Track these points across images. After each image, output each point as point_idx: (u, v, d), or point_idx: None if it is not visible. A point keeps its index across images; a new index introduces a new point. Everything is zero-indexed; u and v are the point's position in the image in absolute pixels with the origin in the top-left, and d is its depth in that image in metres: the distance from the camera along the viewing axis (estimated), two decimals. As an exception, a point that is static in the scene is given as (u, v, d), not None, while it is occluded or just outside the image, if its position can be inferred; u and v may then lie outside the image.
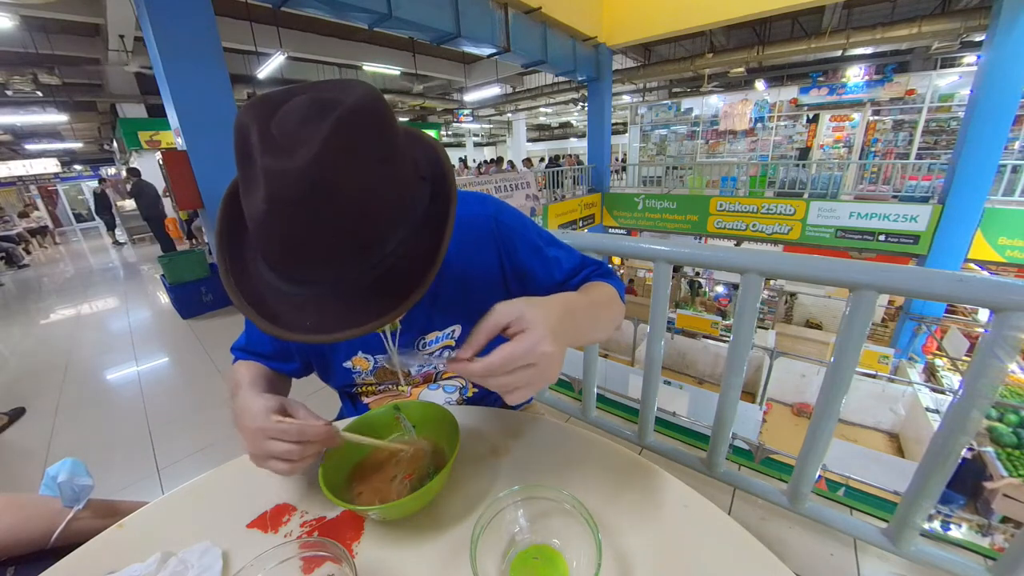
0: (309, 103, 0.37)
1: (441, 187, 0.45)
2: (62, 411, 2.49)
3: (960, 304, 3.72)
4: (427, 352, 0.72)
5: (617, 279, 0.72)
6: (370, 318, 0.40)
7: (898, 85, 8.20)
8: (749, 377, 4.51)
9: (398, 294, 0.41)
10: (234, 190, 0.45)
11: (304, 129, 0.35)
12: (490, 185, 6.50)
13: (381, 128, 0.39)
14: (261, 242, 0.40)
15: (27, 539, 0.72)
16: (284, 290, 0.42)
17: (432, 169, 0.46)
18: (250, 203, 0.38)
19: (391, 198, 0.40)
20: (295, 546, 0.46)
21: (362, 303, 0.41)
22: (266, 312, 0.42)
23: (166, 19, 2.96)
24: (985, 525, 1.94)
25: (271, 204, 0.36)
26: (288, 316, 0.41)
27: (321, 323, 0.40)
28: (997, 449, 3.14)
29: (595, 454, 0.63)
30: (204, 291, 3.97)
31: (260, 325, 0.41)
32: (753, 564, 0.47)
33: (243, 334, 0.76)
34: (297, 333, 0.40)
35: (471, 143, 22.34)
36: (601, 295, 0.64)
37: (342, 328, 0.40)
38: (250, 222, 0.39)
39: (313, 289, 0.41)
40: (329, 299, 0.41)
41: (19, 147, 12.92)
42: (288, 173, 0.34)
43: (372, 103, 0.38)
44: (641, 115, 11.97)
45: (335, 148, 0.35)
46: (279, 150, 0.35)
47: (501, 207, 0.68)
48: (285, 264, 0.41)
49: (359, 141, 0.36)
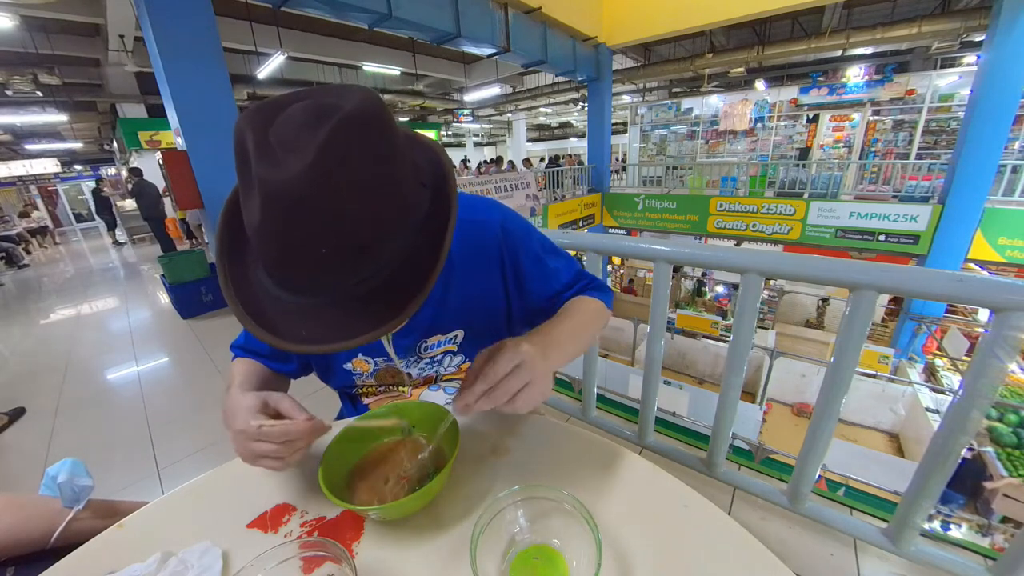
0: (307, 110, 0.36)
1: (442, 194, 0.45)
2: (62, 411, 2.49)
3: (960, 304, 3.72)
4: (429, 356, 0.71)
5: (607, 292, 0.74)
6: (366, 329, 0.39)
7: (898, 85, 8.20)
8: (749, 377, 4.51)
9: (395, 304, 0.40)
10: (235, 196, 0.45)
11: (300, 137, 0.35)
12: (490, 185, 6.49)
13: (379, 135, 0.38)
14: (258, 249, 0.40)
15: (27, 539, 0.72)
16: (282, 298, 0.42)
17: (433, 176, 0.46)
18: (248, 210, 0.38)
19: (387, 207, 0.39)
20: (295, 546, 0.46)
21: (359, 313, 0.40)
22: (263, 320, 0.42)
23: (166, 19, 2.96)
24: (985, 525, 1.94)
25: (265, 212, 0.36)
26: (284, 325, 0.41)
27: (317, 333, 0.40)
28: (997, 449, 3.14)
29: (595, 454, 0.63)
30: (204, 291, 3.97)
31: (256, 333, 0.41)
32: (753, 564, 0.47)
33: (243, 332, 0.75)
34: (292, 343, 0.40)
35: (471, 143, 22.34)
36: (586, 314, 0.67)
37: (337, 339, 0.39)
38: (248, 229, 0.39)
39: (310, 298, 0.41)
40: (326, 308, 0.40)
41: (19, 147, 12.91)
42: (282, 183, 0.34)
43: (371, 109, 0.37)
44: (641, 115, 11.97)
45: (330, 157, 0.34)
46: (274, 159, 0.35)
47: (507, 214, 0.68)
48: (281, 272, 0.41)
49: (355, 149, 0.36)
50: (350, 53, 8.40)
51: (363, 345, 0.66)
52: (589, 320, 0.67)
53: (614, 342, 6.25)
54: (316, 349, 0.39)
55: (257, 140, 0.35)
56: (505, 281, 0.68)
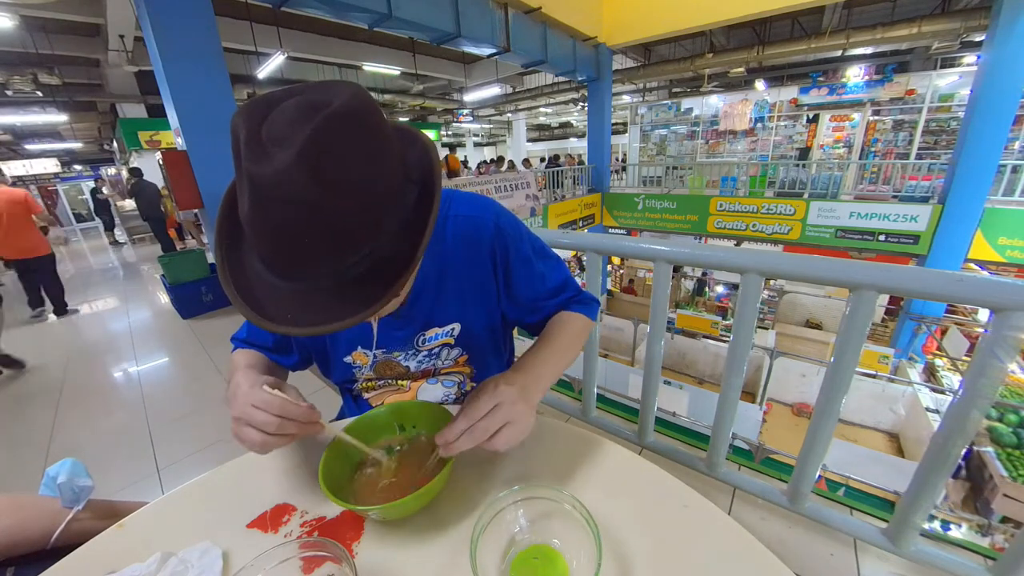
0: (297, 106, 0.38)
1: (428, 190, 0.46)
2: (62, 411, 2.49)
3: (960, 304, 3.72)
4: (427, 348, 0.73)
5: (591, 305, 0.78)
6: (350, 313, 0.41)
7: (898, 85, 8.20)
8: (749, 377, 4.51)
9: (378, 291, 0.42)
10: (234, 186, 0.47)
11: (288, 132, 0.37)
12: (490, 185, 6.49)
13: (366, 130, 0.40)
14: (250, 238, 0.43)
15: (27, 540, 0.72)
16: (273, 284, 0.44)
17: (421, 172, 0.47)
18: (240, 202, 0.40)
19: (372, 200, 0.41)
20: (295, 546, 0.46)
21: (345, 298, 0.42)
22: (254, 303, 0.44)
23: (166, 19, 2.95)
24: (985, 525, 1.94)
25: (253, 205, 0.38)
26: (274, 308, 0.43)
27: (303, 316, 0.42)
28: (997, 449, 3.14)
29: (595, 454, 0.63)
30: (204, 291, 3.97)
31: (246, 315, 0.43)
32: (753, 564, 0.47)
33: (244, 325, 0.77)
34: (281, 325, 0.42)
35: (471, 143, 22.32)
36: (569, 335, 0.72)
37: (323, 322, 0.41)
38: (241, 218, 0.41)
39: (299, 284, 0.43)
40: (315, 294, 0.42)
41: (19, 147, 12.92)
42: (267, 177, 0.36)
43: (358, 105, 0.39)
44: (641, 115, 11.97)
45: (314, 151, 0.36)
46: (262, 153, 0.37)
47: (501, 212, 0.69)
48: (271, 259, 0.43)
49: (340, 144, 0.37)
50: (350, 53, 8.39)
51: (361, 334, 0.68)
52: (571, 341, 0.72)
53: (614, 342, 6.25)
54: (302, 331, 0.42)
55: (248, 136, 0.37)
56: (496, 278, 0.70)
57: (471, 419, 0.51)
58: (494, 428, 0.51)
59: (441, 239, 0.65)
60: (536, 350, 0.68)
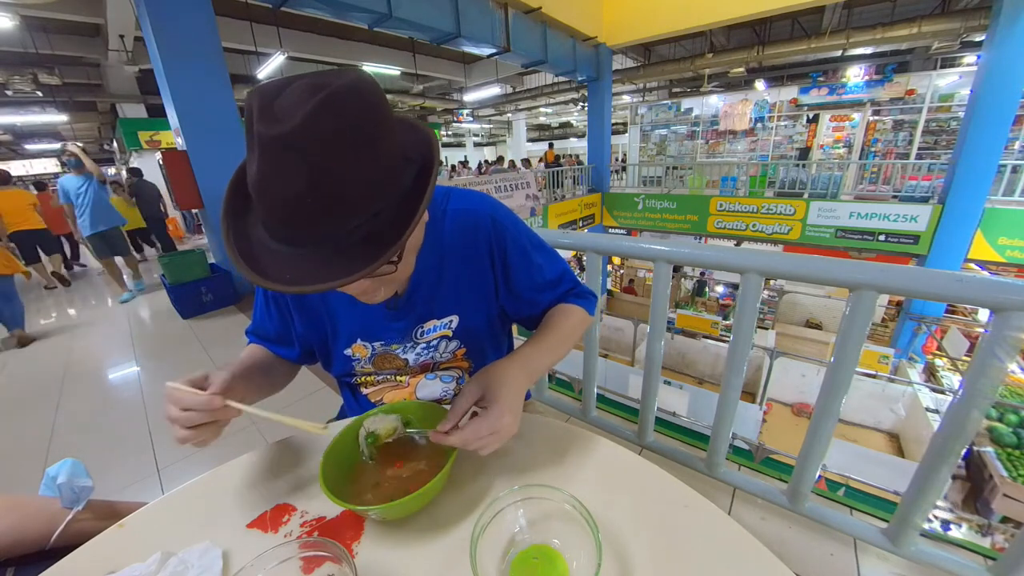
0: (307, 85, 0.42)
1: (426, 170, 0.49)
2: (62, 411, 2.49)
3: (960, 304, 3.72)
4: (425, 341, 0.73)
5: (589, 299, 0.79)
6: (345, 273, 0.43)
7: (898, 85, 8.20)
8: (749, 377, 4.51)
9: (370, 256, 0.44)
10: (243, 166, 0.50)
11: (299, 102, 0.40)
12: (490, 185, 6.49)
13: (368, 104, 0.43)
14: (256, 201, 0.45)
15: (27, 540, 0.72)
16: (274, 249, 0.46)
17: (420, 155, 0.50)
18: (249, 167, 0.44)
19: (370, 168, 0.43)
20: (295, 546, 0.46)
21: (340, 262, 0.44)
22: (254, 265, 0.46)
23: (166, 19, 2.96)
24: (985, 525, 1.94)
25: (261, 162, 0.41)
26: (274, 270, 0.45)
27: (301, 276, 0.44)
28: (997, 449, 3.14)
29: (595, 454, 0.64)
30: (204, 291, 3.97)
31: (247, 275, 0.45)
32: (753, 564, 0.47)
33: (254, 317, 0.79)
34: (279, 284, 0.44)
35: (471, 143, 22.33)
36: (567, 327, 0.73)
37: (318, 281, 0.43)
38: (250, 186, 0.44)
39: (300, 249, 0.45)
40: (315, 257, 0.45)
41: (19, 147, 12.92)
42: (275, 135, 0.40)
43: (363, 85, 0.43)
44: (641, 115, 11.97)
45: (319, 118, 0.39)
46: (273, 119, 0.40)
47: (497, 206, 0.71)
48: (274, 223, 0.45)
49: (343, 115, 0.41)
50: (350, 53, 8.39)
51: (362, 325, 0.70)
52: (568, 334, 0.73)
53: (614, 342, 6.25)
54: (297, 289, 0.44)
55: (261, 107, 0.41)
56: (494, 272, 0.72)
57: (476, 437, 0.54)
58: (487, 444, 0.54)
59: (439, 233, 0.67)
60: (532, 340, 0.69)
